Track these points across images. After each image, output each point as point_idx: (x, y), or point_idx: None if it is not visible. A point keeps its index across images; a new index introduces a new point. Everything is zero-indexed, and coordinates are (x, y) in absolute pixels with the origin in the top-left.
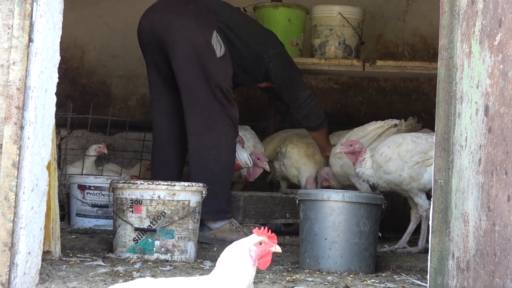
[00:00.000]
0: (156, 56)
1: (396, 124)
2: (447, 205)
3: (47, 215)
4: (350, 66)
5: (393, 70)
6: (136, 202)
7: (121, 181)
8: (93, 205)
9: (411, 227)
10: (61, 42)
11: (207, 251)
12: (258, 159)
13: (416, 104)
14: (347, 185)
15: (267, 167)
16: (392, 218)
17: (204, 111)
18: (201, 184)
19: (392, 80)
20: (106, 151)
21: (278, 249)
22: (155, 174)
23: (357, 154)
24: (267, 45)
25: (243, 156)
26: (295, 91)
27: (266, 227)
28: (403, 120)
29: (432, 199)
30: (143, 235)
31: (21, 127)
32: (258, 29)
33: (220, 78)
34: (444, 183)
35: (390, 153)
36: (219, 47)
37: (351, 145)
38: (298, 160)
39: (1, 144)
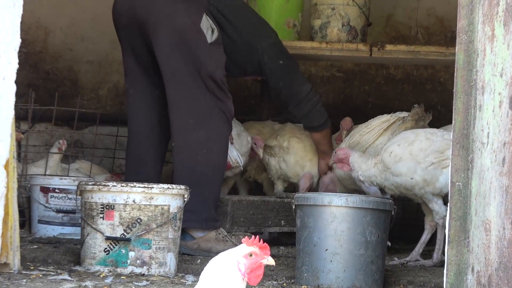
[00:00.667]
0: (134, 39)
1: (404, 117)
2: (466, 212)
3: (5, 221)
4: (355, 51)
5: (404, 55)
6: (107, 207)
7: (90, 183)
8: (58, 211)
9: (425, 236)
10: (22, 22)
11: (190, 263)
12: (255, 144)
13: (431, 95)
14: (353, 190)
15: (261, 154)
16: (403, 226)
17: (194, 105)
18: (182, 187)
19: (404, 68)
20: (64, 148)
21: (271, 261)
22: (130, 174)
23: (345, 161)
24: (261, 35)
25: (233, 154)
26: (295, 85)
27: (257, 236)
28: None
29: (448, 204)
30: (116, 245)
31: None
32: (252, 16)
33: (213, 66)
34: (462, 186)
35: (401, 152)
36: (210, 32)
37: (335, 153)
38: (304, 157)
39: None
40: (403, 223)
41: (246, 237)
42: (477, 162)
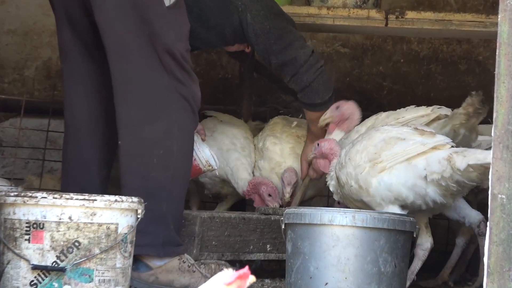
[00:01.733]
0: (71, 5)
1: (447, 114)
2: (511, 234)
3: None
4: (365, 20)
5: (431, 26)
6: (35, 225)
7: (12, 193)
8: None
9: (415, 265)
10: None
11: None
12: (270, 195)
13: (467, 78)
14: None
15: (285, 197)
16: (433, 251)
17: (146, 89)
18: (135, 199)
19: (431, 42)
20: None
21: None
22: (66, 183)
23: (330, 158)
24: None
25: (204, 154)
26: (290, 49)
27: (247, 267)
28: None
29: (488, 224)
30: (46, 276)
31: None
32: None
33: (171, 38)
34: (506, 199)
35: (344, 157)
36: None
37: (318, 145)
38: (280, 164)
39: None
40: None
41: (224, 267)
42: None
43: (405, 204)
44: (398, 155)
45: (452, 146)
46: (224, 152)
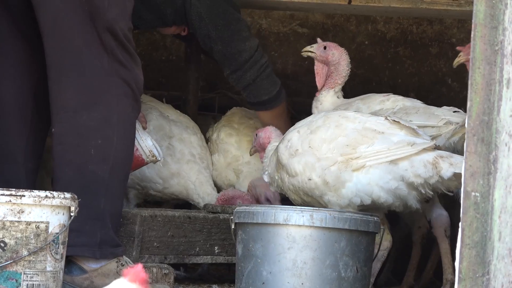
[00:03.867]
0: None
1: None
2: (485, 235)
3: None
4: None
5: (399, 4)
6: None
7: None
8: None
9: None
10: None
11: None
12: (268, 200)
13: (439, 62)
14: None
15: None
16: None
17: (84, 71)
18: (68, 195)
19: (399, 22)
20: None
21: None
22: None
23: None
24: None
25: (147, 143)
26: (236, 39)
27: (141, 266)
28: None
29: (460, 225)
30: None
31: None
32: None
33: (114, 15)
34: (481, 197)
35: (299, 142)
36: None
37: (256, 136)
38: (237, 157)
39: None
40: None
41: (129, 267)
42: (502, 163)
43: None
44: (380, 154)
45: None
46: (184, 165)
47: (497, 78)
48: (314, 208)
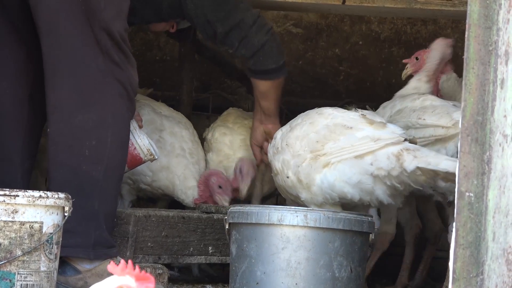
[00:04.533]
0: None
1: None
2: (479, 236)
3: None
4: None
5: (393, 4)
6: None
7: None
8: None
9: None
10: None
11: None
12: (220, 187)
13: None
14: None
15: (243, 192)
16: (390, 255)
17: (79, 71)
18: (62, 195)
19: (393, 22)
20: None
21: None
22: None
23: None
24: None
25: (143, 142)
26: (235, 11)
27: (130, 262)
28: None
29: (454, 225)
30: None
31: None
32: None
33: (110, 15)
34: (475, 197)
35: (280, 141)
36: None
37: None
38: (229, 156)
39: None
40: (390, 251)
41: (112, 261)
42: (496, 163)
43: (351, 203)
44: (344, 151)
45: (406, 140)
46: (173, 158)
47: (491, 78)
48: (308, 208)
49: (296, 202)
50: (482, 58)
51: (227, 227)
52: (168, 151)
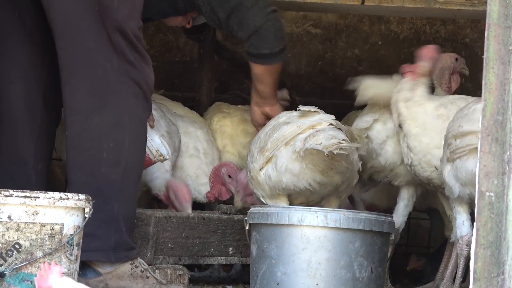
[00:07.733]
0: None
1: None
2: (500, 235)
3: None
4: None
5: (413, 4)
6: None
7: None
8: None
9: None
10: None
11: None
12: (230, 177)
13: None
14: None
15: (238, 204)
16: (408, 256)
17: (94, 73)
18: (82, 196)
19: (412, 22)
20: None
21: None
22: (1, 177)
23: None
24: None
25: (154, 143)
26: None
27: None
28: None
29: (475, 225)
30: None
31: None
32: None
33: (123, 14)
34: (495, 197)
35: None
36: None
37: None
38: (233, 136)
39: None
40: (408, 251)
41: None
42: None
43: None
44: (279, 141)
45: (332, 125)
46: (186, 159)
47: (511, 77)
48: (328, 208)
49: (260, 201)
50: (502, 57)
51: (247, 228)
52: (182, 151)
